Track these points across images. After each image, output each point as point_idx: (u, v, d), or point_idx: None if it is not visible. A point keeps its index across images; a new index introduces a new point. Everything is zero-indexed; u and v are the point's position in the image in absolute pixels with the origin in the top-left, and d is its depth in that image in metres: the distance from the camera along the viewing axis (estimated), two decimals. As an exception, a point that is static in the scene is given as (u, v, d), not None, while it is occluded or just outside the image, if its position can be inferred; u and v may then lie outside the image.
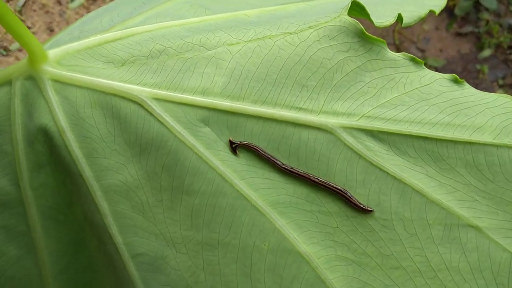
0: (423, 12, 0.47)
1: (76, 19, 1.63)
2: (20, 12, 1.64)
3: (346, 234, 0.38)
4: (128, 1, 0.53)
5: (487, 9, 1.83)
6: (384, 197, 0.38)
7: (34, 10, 1.65)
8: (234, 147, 0.38)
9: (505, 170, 0.38)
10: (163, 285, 0.37)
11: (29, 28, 1.63)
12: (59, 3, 1.67)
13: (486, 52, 1.82)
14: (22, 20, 1.63)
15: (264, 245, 0.37)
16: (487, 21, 1.83)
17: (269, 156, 0.38)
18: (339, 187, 0.38)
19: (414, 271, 0.37)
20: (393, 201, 0.38)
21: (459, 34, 1.87)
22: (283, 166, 0.38)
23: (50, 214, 0.39)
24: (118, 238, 0.38)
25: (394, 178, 0.38)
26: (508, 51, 1.81)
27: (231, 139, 0.39)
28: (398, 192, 0.38)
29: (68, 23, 1.63)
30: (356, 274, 0.37)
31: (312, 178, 0.38)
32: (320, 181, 0.38)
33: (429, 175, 0.38)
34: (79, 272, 0.41)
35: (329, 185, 0.38)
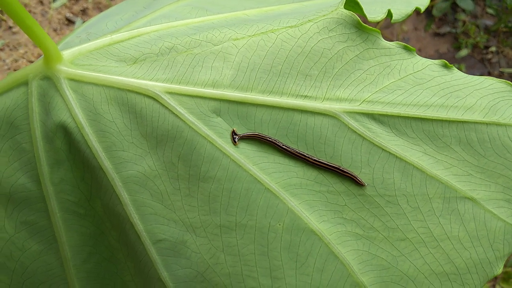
0: (410, 9, 0.49)
1: (59, 19, 1.62)
2: (1, 12, 1.62)
3: (354, 211, 0.40)
4: (129, 6, 0.55)
5: (464, 10, 1.91)
6: (388, 175, 0.41)
7: (16, 10, 1.63)
8: (235, 139, 0.40)
9: (495, 146, 0.41)
10: (184, 268, 0.39)
11: (10, 28, 1.62)
12: (41, 3, 1.66)
13: (463, 52, 1.88)
14: (3, 20, 1.62)
15: (279, 225, 0.39)
16: (464, 22, 1.90)
17: (269, 138, 0.40)
18: (332, 164, 0.40)
19: (418, 242, 0.40)
20: (396, 179, 0.41)
21: (437, 34, 1.93)
22: (283, 147, 0.41)
23: (71, 208, 0.41)
24: (140, 226, 0.39)
25: (396, 157, 0.41)
26: (484, 51, 1.88)
27: (234, 130, 0.41)
28: (400, 170, 0.41)
29: (50, 22, 1.62)
30: (365, 247, 0.40)
31: (309, 157, 0.40)
32: (315, 160, 0.40)
33: (427, 153, 0.41)
34: (100, 262, 0.42)
35: (324, 163, 0.40)
